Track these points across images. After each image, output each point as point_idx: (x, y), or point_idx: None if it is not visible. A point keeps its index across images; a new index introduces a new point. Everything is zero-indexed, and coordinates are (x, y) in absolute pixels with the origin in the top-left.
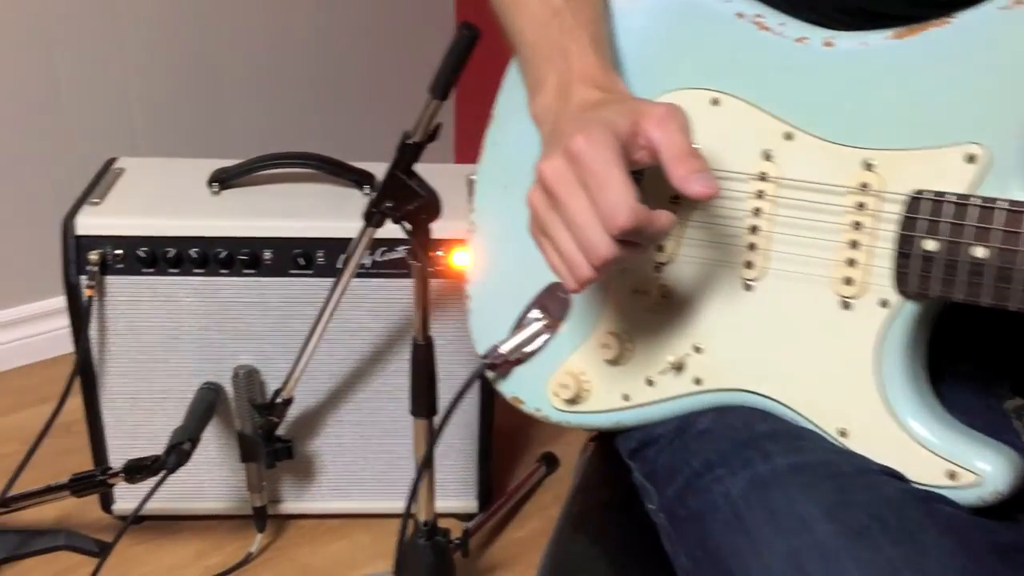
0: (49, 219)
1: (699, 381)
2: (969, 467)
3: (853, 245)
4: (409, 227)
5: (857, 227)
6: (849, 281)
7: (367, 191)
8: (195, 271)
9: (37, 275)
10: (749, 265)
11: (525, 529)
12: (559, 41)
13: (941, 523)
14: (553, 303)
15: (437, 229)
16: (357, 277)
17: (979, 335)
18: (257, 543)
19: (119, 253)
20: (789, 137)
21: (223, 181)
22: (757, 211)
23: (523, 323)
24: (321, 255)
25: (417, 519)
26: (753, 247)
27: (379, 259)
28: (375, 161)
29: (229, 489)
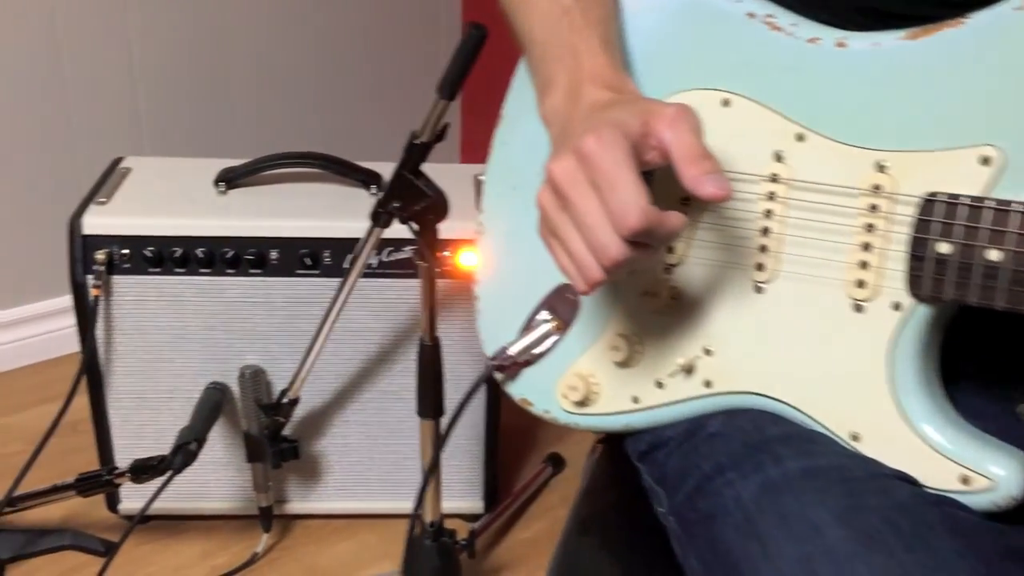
0: (56, 218)
1: (709, 384)
2: (982, 472)
3: (865, 247)
4: (416, 227)
5: (869, 229)
6: (861, 284)
7: (374, 191)
8: (201, 271)
9: (43, 274)
10: (760, 267)
11: (531, 530)
12: (569, 41)
13: (954, 528)
14: (562, 305)
15: (444, 229)
16: (364, 277)
17: (992, 338)
18: (263, 543)
19: (125, 253)
20: (801, 138)
21: (229, 181)
22: (768, 213)
23: (532, 325)
24: (327, 255)
25: (423, 520)
26: (764, 249)
27: (385, 259)
28: (382, 161)
29: (235, 489)
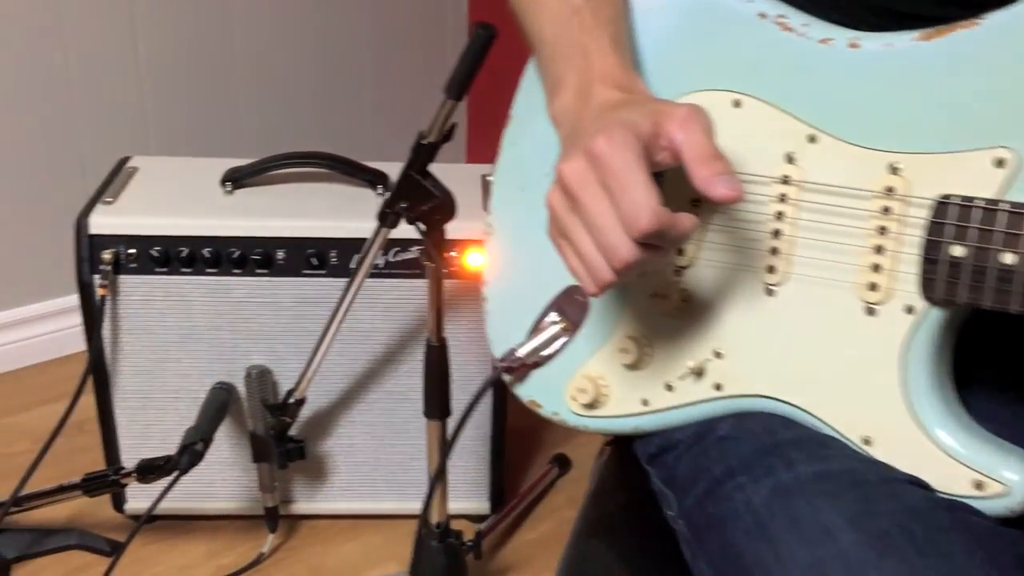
0: (62, 218)
1: (719, 387)
2: (996, 477)
3: (878, 250)
4: (423, 228)
5: (882, 232)
6: (874, 287)
7: (380, 191)
8: (208, 271)
9: (50, 274)
10: (771, 270)
11: (538, 531)
12: (579, 40)
13: (967, 533)
14: (571, 306)
15: (451, 230)
16: (370, 277)
17: (1006, 341)
18: (269, 543)
19: (132, 252)
20: (813, 140)
21: (236, 180)
22: (779, 215)
23: (540, 326)
24: (334, 255)
25: (430, 521)
26: (775, 251)
27: (392, 259)
28: (388, 161)
29: (241, 489)
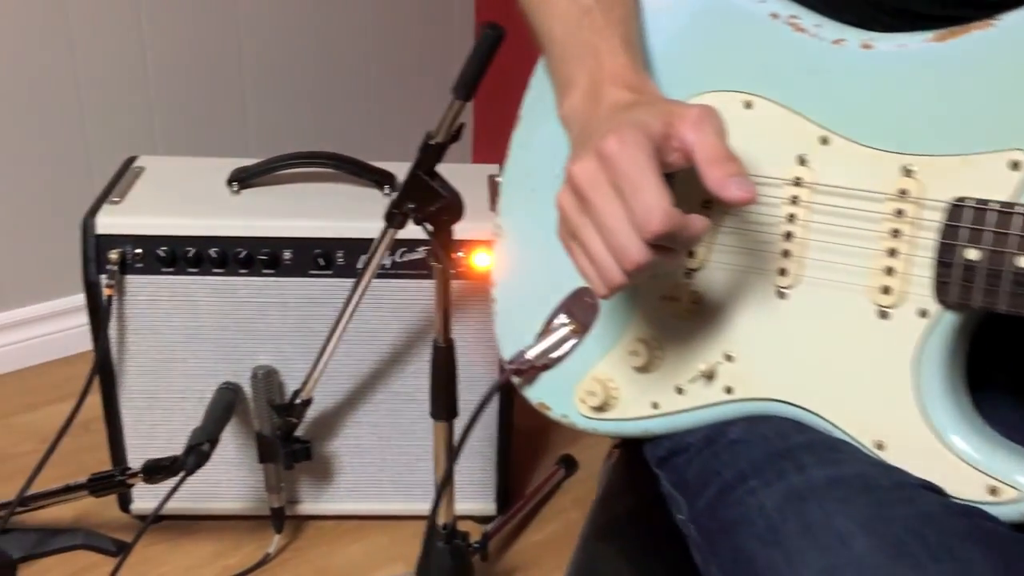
0: (69, 217)
1: (730, 390)
2: (1011, 482)
3: (891, 253)
4: (431, 228)
5: (896, 235)
6: (887, 290)
7: (387, 191)
8: (215, 271)
9: (56, 273)
10: (783, 272)
11: (544, 532)
12: (589, 40)
13: (982, 539)
14: (580, 308)
15: (457, 230)
16: (377, 278)
17: (1019, 346)
18: (275, 544)
19: (139, 252)
20: (825, 141)
21: (243, 180)
22: (791, 217)
23: (550, 328)
24: (341, 255)
25: (436, 522)
26: (787, 254)
27: (399, 260)
28: (395, 161)
29: (247, 489)
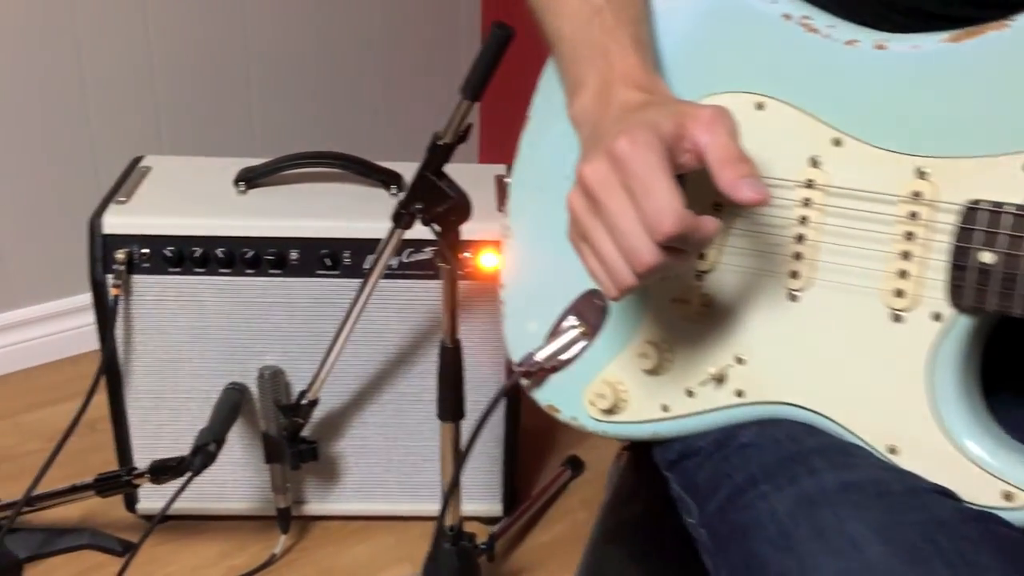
0: (75, 217)
1: (741, 393)
2: None
3: (905, 256)
4: (438, 229)
5: (909, 237)
6: (900, 293)
7: (394, 191)
8: (221, 271)
9: (63, 273)
10: (794, 275)
11: (551, 533)
12: (600, 41)
13: (996, 545)
14: (590, 310)
15: (465, 230)
16: (384, 278)
17: None
18: (281, 544)
19: (145, 252)
20: (838, 143)
21: (249, 180)
22: (803, 219)
23: (559, 330)
24: (348, 255)
25: (443, 523)
26: (799, 256)
27: (406, 260)
28: (402, 161)
29: (253, 490)
